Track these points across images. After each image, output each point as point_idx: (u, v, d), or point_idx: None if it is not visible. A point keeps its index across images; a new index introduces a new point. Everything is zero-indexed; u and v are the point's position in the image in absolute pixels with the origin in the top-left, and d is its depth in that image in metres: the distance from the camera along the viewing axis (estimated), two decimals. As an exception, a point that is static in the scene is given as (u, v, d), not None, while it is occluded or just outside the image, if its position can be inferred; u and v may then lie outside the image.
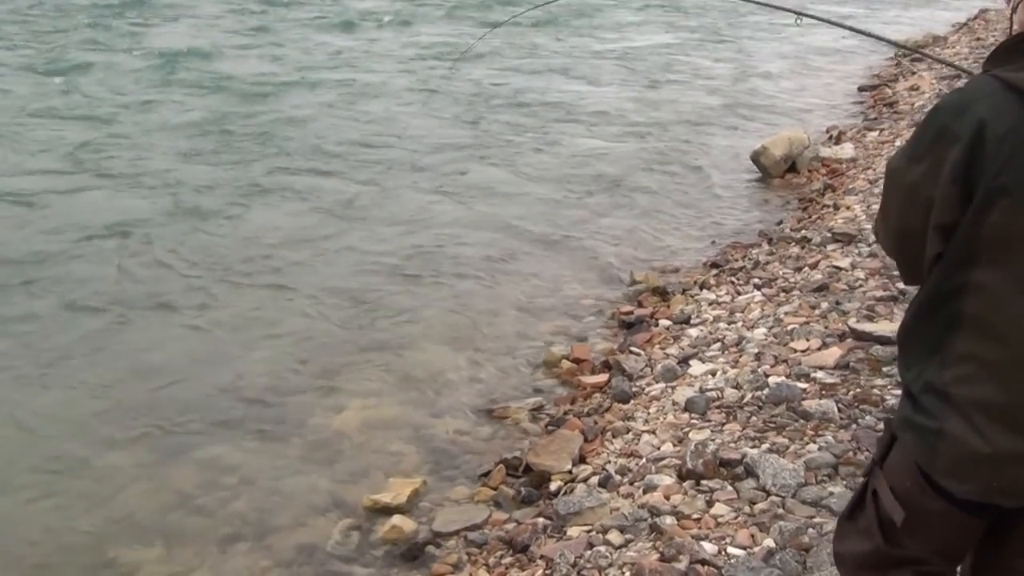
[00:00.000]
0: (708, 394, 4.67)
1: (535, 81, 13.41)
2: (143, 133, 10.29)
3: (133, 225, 7.77)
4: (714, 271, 7.02)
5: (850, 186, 8.30)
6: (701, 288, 6.66)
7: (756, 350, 5.04)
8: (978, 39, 14.52)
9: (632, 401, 5.11)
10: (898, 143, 9.16)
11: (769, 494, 3.65)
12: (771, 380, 4.58)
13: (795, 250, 6.75)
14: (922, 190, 1.89)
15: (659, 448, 4.36)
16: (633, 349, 5.80)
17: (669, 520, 3.63)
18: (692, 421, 4.49)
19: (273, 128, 10.59)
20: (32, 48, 14.02)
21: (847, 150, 9.74)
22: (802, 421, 4.13)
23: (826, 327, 5.06)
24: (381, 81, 13.03)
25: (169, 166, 9.22)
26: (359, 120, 11.15)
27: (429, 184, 9.14)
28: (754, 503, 3.62)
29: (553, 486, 4.50)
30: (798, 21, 3.48)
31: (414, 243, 7.75)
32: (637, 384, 5.30)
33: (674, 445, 4.33)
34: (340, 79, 12.99)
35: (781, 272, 6.33)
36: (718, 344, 5.39)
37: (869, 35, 3.85)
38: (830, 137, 10.74)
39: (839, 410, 4.13)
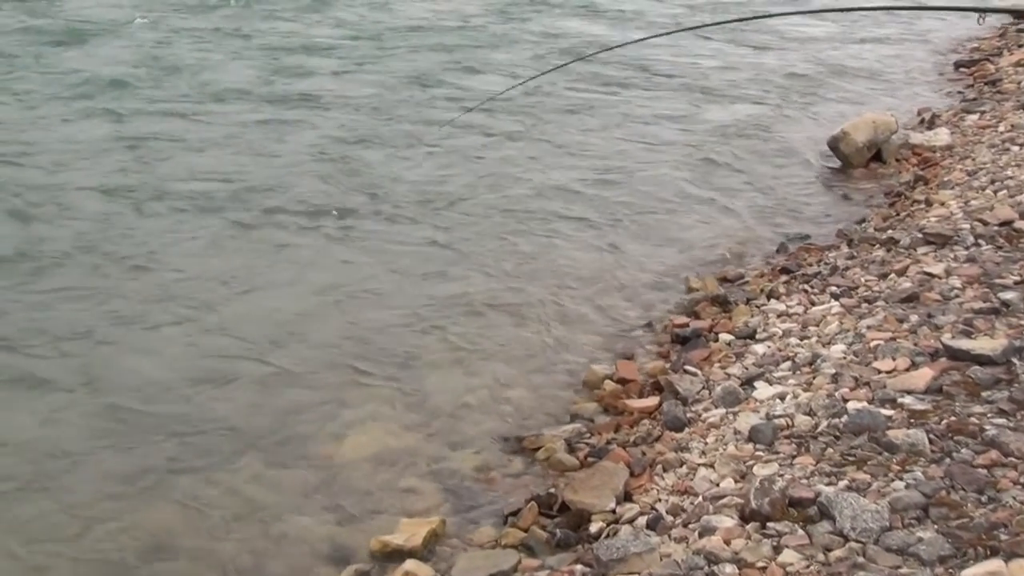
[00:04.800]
0: (776, 421, 4.65)
1: (620, 32, 13.90)
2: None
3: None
4: (784, 277, 6.99)
5: (945, 178, 8.24)
6: (769, 297, 6.64)
7: (833, 370, 5.01)
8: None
9: (687, 429, 5.09)
10: (1001, 128, 9.09)
11: (847, 539, 3.61)
12: (850, 406, 4.54)
13: (879, 253, 6.72)
14: None
15: (718, 484, 4.35)
16: (688, 368, 5.78)
17: (729, 569, 3.61)
18: (757, 453, 4.47)
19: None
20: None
21: (942, 136, 9.67)
22: (887, 454, 4.09)
23: (916, 344, 5.02)
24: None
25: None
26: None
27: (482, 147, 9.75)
28: (829, 550, 3.59)
29: (593, 528, 4.49)
30: (981, 20, 3.56)
31: (439, 222, 7.97)
32: (693, 409, 5.29)
33: (736, 481, 4.32)
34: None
35: (863, 279, 6.29)
36: (788, 363, 5.37)
37: None
38: (922, 121, 10.67)
39: (930, 442, 4.09)
